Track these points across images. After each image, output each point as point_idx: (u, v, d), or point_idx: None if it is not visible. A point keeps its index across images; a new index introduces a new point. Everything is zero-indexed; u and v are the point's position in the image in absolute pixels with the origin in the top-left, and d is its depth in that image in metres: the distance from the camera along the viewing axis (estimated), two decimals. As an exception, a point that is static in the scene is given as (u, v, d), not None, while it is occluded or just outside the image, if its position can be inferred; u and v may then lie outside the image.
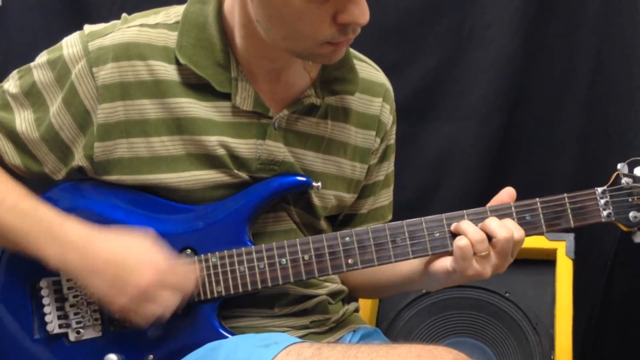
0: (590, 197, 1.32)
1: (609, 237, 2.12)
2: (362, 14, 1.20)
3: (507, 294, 1.89)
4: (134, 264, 1.23)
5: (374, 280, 1.50)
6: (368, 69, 1.47)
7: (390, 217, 1.57)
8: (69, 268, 1.26)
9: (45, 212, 1.28)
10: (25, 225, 1.27)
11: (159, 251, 1.26)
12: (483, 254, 1.25)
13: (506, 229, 1.26)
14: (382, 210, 1.55)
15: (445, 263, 1.30)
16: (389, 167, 1.54)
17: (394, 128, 1.53)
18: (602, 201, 1.32)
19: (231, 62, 1.31)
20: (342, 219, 1.51)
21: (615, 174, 1.33)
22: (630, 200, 1.32)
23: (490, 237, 1.26)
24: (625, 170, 1.33)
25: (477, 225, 1.27)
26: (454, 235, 1.29)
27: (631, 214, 1.31)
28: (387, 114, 1.49)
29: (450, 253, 1.29)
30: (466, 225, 1.27)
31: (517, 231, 1.27)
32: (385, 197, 1.55)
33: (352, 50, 1.43)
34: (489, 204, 1.31)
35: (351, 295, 1.56)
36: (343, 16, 1.19)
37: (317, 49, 1.24)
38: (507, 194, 1.32)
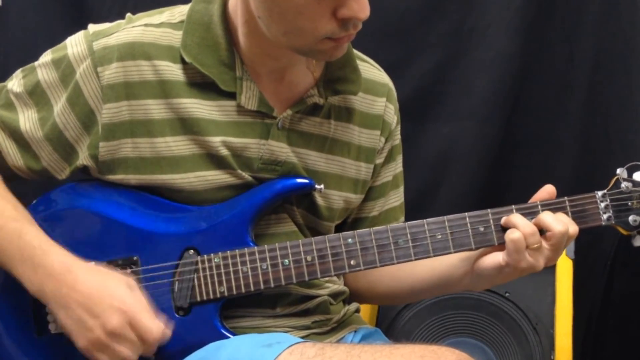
0: (590, 201, 1.32)
1: (609, 237, 2.12)
2: (361, 8, 1.20)
3: (507, 294, 1.89)
4: (104, 305, 1.22)
5: (408, 285, 1.48)
6: (371, 69, 1.48)
7: (402, 218, 1.56)
8: (45, 297, 1.25)
9: (31, 238, 1.27)
10: (9, 249, 1.27)
11: (133, 297, 1.24)
12: (535, 246, 1.26)
13: (561, 222, 1.27)
14: (394, 211, 1.54)
15: (496, 258, 1.30)
16: (396, 167, 1.54)
17: (399, 128, 1.53)
18: (602, 205, 1.32)
19: (236, 61, 1.31)
20: (351, 222, 1.51)
21: (615, 178, 1.34)
22: (629, 204, 1.33)
23: (542, 231, 1.27)
24: (625, 175, 1.34)
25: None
26: (504, 228, 1.29)
27: (631, 218, 1.32)
28: (392, 114, 1.49)
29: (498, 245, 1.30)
30: (517, 218, 1.28)
31: (571, 225, 1.28)
32: (395, 198, 1.55)
33: (355, 50, 1.43)
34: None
35: (358, 299, 1.56)
36: (343, 11, 1.19)
37: (317, 45, 1.24)
38: (547, 192, 1.33)
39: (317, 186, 1.35)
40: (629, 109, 2.11)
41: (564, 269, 1.90)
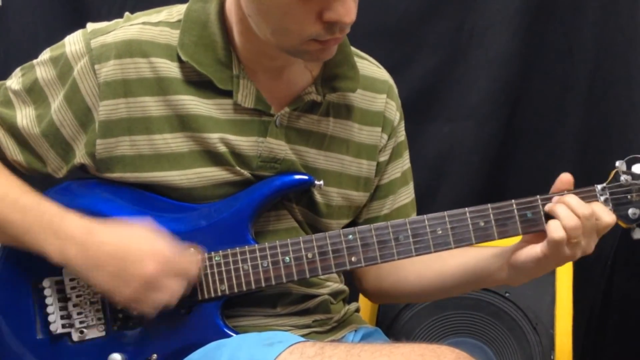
0: (590, 194, 1.32)
1: (609, 237, 2.11)
2: (347, 12, 1.19)
3: (507, 294, 1.89)
4: (136, 254, 1.23)
5: (438, 282, 1.46)
6: (370, 67, 1.48)
7: (414, 214, 1.55)
8: (70, 263, 1.26)
9: (46, 207, 1.28)
10: (26, 221, 1.27)
11: (160, 240, 1.25)
12: (574, 241, 1.26)
13: (588, 207, 1.26)
14: (405, 208, 1.54)
15: (534, 250, 1.29)
16: (403, 164, 1.54)
17: (402, 124, 1.53)
18: (602, 198, 1.32)
19: (232, 59, 1.31)
20: (363, 222, 1.50)
21: (614, 171, 1.34)
22: (629, 197, 1.32)
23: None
24: (624, 167, 1.33)
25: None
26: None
27: (630, 211, 1.32)
28: (393, 110, 1.49)
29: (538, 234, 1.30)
30: (560, 209, 1.27)
31: (606, 215, 1.28)
32: (405, 195, 1.54)
33: (353, 48, 1.43)
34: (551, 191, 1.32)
35: (380, 299, 1.56)
36: (328, 14, 1.19)
37: (303, 46, 1.24)
38: (562, 182, 1.32)
39: (316, 182, 1.35)
40: (629, 109, 2.11)
41: (564, 269, 1.90)
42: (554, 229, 1.26)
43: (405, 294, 1.52)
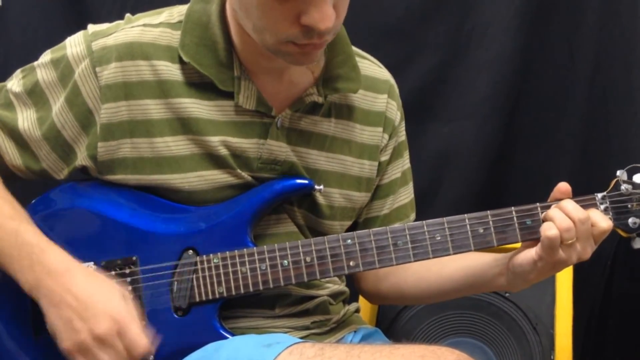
0: (590, 203, 1.32)
1: (609, 238, 2.11)
2: (322, 19, 1.17)
3: (507, 294, 1.89)
4: (96, 309, 1.21)
5: (437, 285, 1.46)
6: (371, 67, 1.48)
7: (413, 215, 1.56)
8: (39, 294, 1.24)
9: (29, 237, 1.26)
10: (6, 247, 1.26)
11: (126, 308, 1.24)
12: (569, 242, 1.26)
13: (582, 212, 1.27)
14: (404, 209, 1.54)
15: (529, 254, 1.29)
16: (403, 164, 1.54)
17: (403, 124, 1.53)
18: (602, 207, 1.32)
19: (234, 61, 1.31)
20: (363, 222, 1.50)
21: (615, 180, 1.34)
22: (629, 206, 1.33)
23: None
24: (625, 177, 1.34)
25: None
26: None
27: (630, 220, 1.32)
28: (394, 110, 1.49)
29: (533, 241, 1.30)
30: (554, 212, 1.28)
31: (604, 221, 1.29)
32: (405, 195, 1.55)
33: (354, 48, 1.43)
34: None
35: (379, 300, 1.56)
36: (304, 18, 1.18)
37: (281, 47, 1.23)
38: (560, 192, 1.33)
39: (316, 187, 1.35)
40: (629, 109, 2.11)
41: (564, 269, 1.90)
42: (547, 227, 1.26)
43: (404, 296, 1.52)
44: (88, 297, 1.22)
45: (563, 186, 1.33)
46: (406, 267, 1.42)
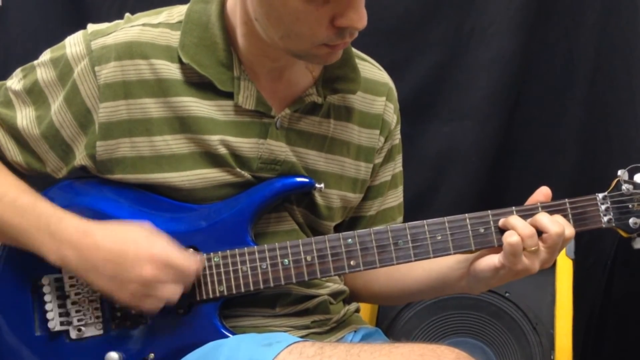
0: (591, 203, 1.32)
1: (609, 238, 2.12)
2: (360, 18, 1.20)
3: (507, 294, 1.89)
4: (133, 257, 1.23)
5: (403, 285, 1.47)
6: (371, 69, 1.47)
7: (400, 218, 1.56)
8: (68, 265, 1.26)
9: (43, 209, 1.28)
10: (24, 222, 1.27)
11: (157, 242, 1.25)
12: (532, 249, 1.25)
13: (557, 224, 1.26)
14: (391, 211, 1.54)
15: (492, 260, 1.29)
16: (395, 167, 1.54)
17: (398, 127, 1.53)
18: (603, 207, 1.32)
19: (234, 61, 1.31)
20: (349, 221, 1.51)
21: (616, 180, 1.33)
22: (630, 206, 1.32)
23: (540, 233, 1.26)
24: (626, 176, 1.33)
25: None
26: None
27: (631, 220, 1.32)
28: (391, 113, 1.49)
29: (494, 247, 1.30)
30: (515, 220, 1.27)
31: (567, 228, 1.28)
32: (393, 198, 1.55)
33: (354, 49, 1.43)
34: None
35: (355, 298, 1.56)
36: (341, 20, 1.19)
37: (313, 50, 1.24)
38: (542, 194, 1.32)
39: (317, 185, 1.35)
40: (629, 109, 2.11)
41: (564, 269, 1.90)
42: (509, 234, 1.26)
43: (375, 295, 1.54)
44: (118, 249, 1.24)
45: (545, 189, 1.33)
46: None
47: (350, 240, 1.30)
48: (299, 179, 1.35)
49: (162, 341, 1.30)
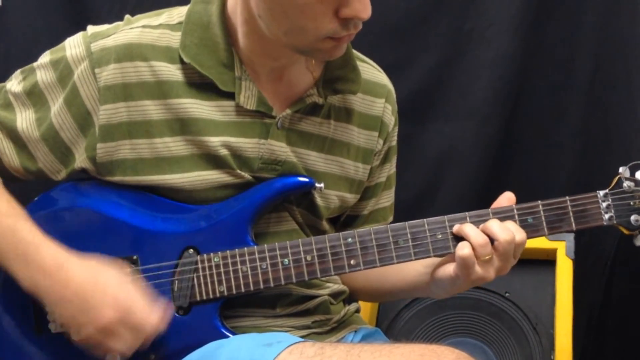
0: (592, 200, 1.32)
1: (609, 237, 2.12)
2: (364, 8, 1.20)
3: (507, 294, 1.89)
4: (98, 298, 1.22)
5: (379, 284, 1.50)
6: (370, 70, 1.48)
7: (391, 218, 1.57)
8: (39, 293, 1.25)
9: (22, 235, 1.26)
10: (3, 245, 1.26)
11: (126, 289, 1.24)
12: (486, 258, 1.25)
13: (507, 231, 1.26)
14: (383, 211, 1.55)
15: (448, 270, 1.30)
16: (390, 168, 1.55)
17: (396, 129, 1.53)
18: (604, 204, 1.32)
19: (235, 61, 1.31)
20: (344, 220, 1.51)
21: (617, 177, 1.33)
22: (632, 203, 1.32)
23: (492, 240, 1.26)
24: (627, 174, 1.33)
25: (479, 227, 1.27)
26: (457, 237, 1.29)
27: (632, 218, 1.32)
28: (390, 115, 1.49)
29: (454, 254, 1.29)
30: (469, 228, 1.27)
31: (518, 233, 1.27)
32: (386, 199, 1.56)
33: (354, 51, 1.43)
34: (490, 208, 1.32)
35: (352, 296, 1.56)
36: (345, 10, 1.19)
37: (318, 44, 1.24)
38: (506, 199, 1.32)
39: (317, 185, 1.35)
40: (629, 109, 2.11)
41: (564, 269, 1.90)
42: (460, 247, 1.26)
43: (353, 290, 1.54)
44: (86, 290, 1.22)
45: (509, 194, 1.33)
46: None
47: (350, 239, 1.30)
48: (299, 179, 1.35)
49: (162, 342, 1.29)
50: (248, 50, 1.31)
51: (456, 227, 1.29)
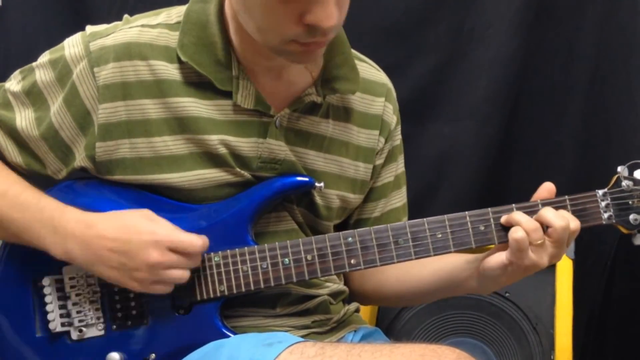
0: (591, 200, 1.32)
1: (609, 237, 2.12)
2: (327, 16, 1.17)
3: (507, 294, 1.89)
4: (137, 244, 1.23)
5: (413, 287, 1.47)
6: (369, 70, 1.48)
7: (405, 219, 1.56)
8: (73, 258, 1.27)
9: (45, 203, 1.29)
10: (27, 217, 1.28)
11: (159, 226, 1.26)
12: (538, 242, 1.25)
13: (562, 218, 1.26)
14: (396, 212, 1.54)
15: (500, 257, 1.29)
16: (397, 168, 1.54)
17: (399, 128, 1.53)
18: (603, 204, 1.32)
19: (232, 60, 1.31)
20: (353, 224, 1.51)
21: (616, 176, 1.34)
22: (630, 202, 1.33)
23: (544, 227, 1.26)
24: (626, 173, 1.33)
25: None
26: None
27: (631, 217, 1.32)
28: (391, 114, 1.49)
29: (499, 246, 1.30)
30: (519, 215, 1.27)
31: (572, 221, 1.28)
32: (397, 199, 1.55)
33: (353, 50, 1.43)
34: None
35: (363, 301, 1.56)
36: (308, 17, 1.17)
37: (285, 46, 1.23)
38: (546, 190, 1.33)
39: (317, 184, 1.35)
40: (629, 109, 2.11)
41: (564, 269, 1.90)
42: (514, 230, 1.26)
43: (386, 296, 1.53)
44: (122, 237, 1.24)
45: (549, 184, 1.33)
46: (389, 268, 1.43)
47: (350, 239, 1.30)
48: (298, 178, 1.35)
49: (163, 341, 1.30)
50: (241, 48, 1.31)
51: (506, 217, 1.29)
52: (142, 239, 1.24)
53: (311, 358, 1.17)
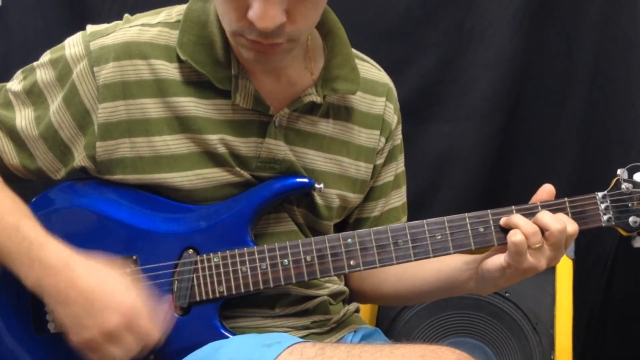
0: (590, 202, 1.32)
1: (609, 238, 2.12)
2: (261, 16, 1.16)
3: (507, 294, 1.89)
4: (105, 302, 1.21)
5: (412, 286, 1.48)
6: (370, 69, 1.48)
7: (404, 218, 1.56)
8: (42, 292, 1.23)
9: (27, 231, 1.25)
10: (5, 243, 1.25)
11: (133, 295, 1.23)
12: (537, 246, 1.25)
13: (559, 221, 1.26)
14: (395, 212, 1.54)
15: (499, 260, 1.29)
16: (397, 167, 1.54)
17: (399, 128, 1.53)
18: (603, 206, 1.32)
19: (231, 60, 1.31)
20: (353, 223, 1.51)
21: (615, 179, 1.34)
22: (630, 205, 1.33)
23: (543, 231, 1.26)
24: (625, 175, 1.34)
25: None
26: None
27: (631, 219, 1.32)
28: (391, 114, 1.49)
29: (498, 247, 1.30)
30: (518, 218, 1.27)
31: (570, 224, 1.28)
32: (397, 199, 1.55)
33: (354, 50, 1.43)
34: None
35: (361, 299, 1.56)
36: (249, 12, 1.18)
37: (235, 38, 1.24)
38: (545, 192, 1.33)
39: (316, 185, 1.35)
40: (629, 109, 2.11)
41: (564, 269, 1.90)
42: (513, 233, 1.26)
43: (383, 296, 1.54)
44: (92, 291, 1.21)
45: (548, 186, 1.33)
46: (387, 268, 1.42)
47: (349, 240, 1.30)
48: (298, 180, 1.35)
49: (162, 342, 1.29)
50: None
51: (504, 219, 1.29)
52: (111, 300, 1.21)
53: (311, 359, 1.16)
